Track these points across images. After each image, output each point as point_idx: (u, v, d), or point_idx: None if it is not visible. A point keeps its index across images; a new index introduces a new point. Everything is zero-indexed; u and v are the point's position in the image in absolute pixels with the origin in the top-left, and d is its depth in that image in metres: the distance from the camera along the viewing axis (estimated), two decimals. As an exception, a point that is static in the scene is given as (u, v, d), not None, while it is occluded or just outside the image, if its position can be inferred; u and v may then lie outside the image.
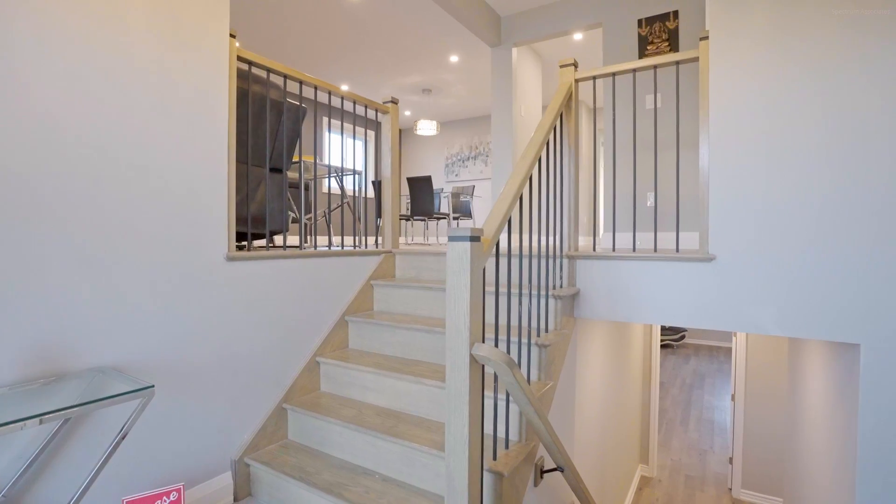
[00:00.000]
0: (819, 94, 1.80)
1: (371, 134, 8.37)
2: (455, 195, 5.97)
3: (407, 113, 7.93)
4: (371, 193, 7.19)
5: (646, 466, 5.11)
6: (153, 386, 1.33)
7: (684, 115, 3.61)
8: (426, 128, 6.39)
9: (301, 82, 2.35)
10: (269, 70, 2.18)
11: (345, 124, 7.64)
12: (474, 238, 1.29)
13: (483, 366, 1.36)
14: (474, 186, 6.17)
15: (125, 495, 1.59)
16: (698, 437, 5.82)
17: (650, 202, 3.70)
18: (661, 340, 9.95)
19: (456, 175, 8.28)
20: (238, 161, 2.20)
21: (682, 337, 10.10)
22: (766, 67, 1.89)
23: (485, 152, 7.98)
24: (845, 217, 1.76)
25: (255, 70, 4.62)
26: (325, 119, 7.20)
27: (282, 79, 2.34)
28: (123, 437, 1.35)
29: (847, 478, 1.96)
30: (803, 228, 1.83)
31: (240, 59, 2.05)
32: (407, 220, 5.47)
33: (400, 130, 9.04)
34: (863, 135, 1.73)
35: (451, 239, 1.31)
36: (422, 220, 5.35)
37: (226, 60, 1.91)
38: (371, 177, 8.60)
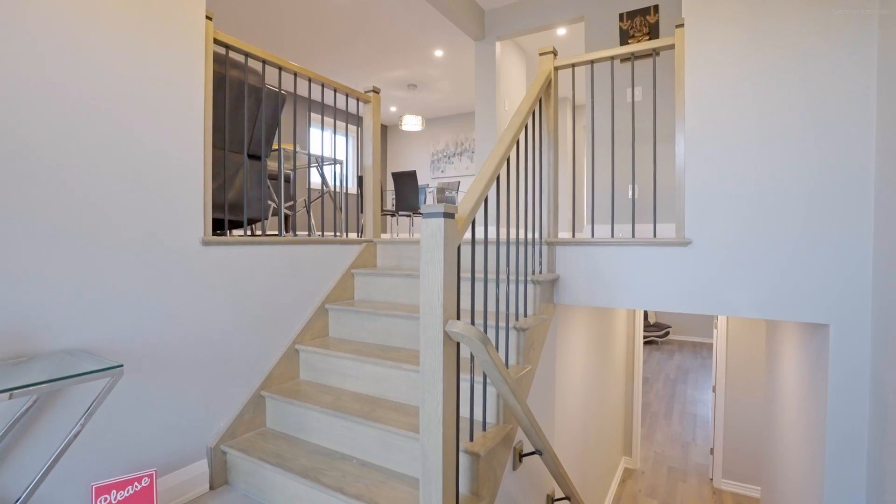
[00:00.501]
0: (795, 80, 1.83)
1: (356, 130, 8.32)
2: (440, 190, 5.97)
3: (392, 109, 7.91)
4: (355, 190, 7.16)
5: (629, 458, 5.16)
6: (122, 365, 1.30)
7: (664, 107, 3.65)
8: (411, 123, 6.38)
9: (280, 68, 2.33)
10: (246, 55, 2.15)
11: (328, 118, 7.60)
12: (448, 214, 1.29)
13: (458, 344, 1.36)
14: (459, 182, 6.17)
15: (95, 481, 1.56)
16: (681, 430, 5.90)
17: (630, 194, 3.74)
18: (646, 337, 10.05)
19: (442, 171, 8.28)
20: (215, 147, 2.18)
21: (667, 333, 10.22)
22: (742, 53, 1.92)
23: (470, 149, 7.99)
24: (816, 202, 1.79)
25: (233, 55, 4.55)
26: (307, 114, 7.15)
27: (260, 64, 2.31)
28: (90, 417, 1.32)
29: (818, 458, 2.00)
30: (777, 212, 1.86)
31: (217, 42, 2.02)
32: (392, 215, 5.45)
33: (385, 126, 9.01)
34: (838, 121, 1.77)
35: (426, 216, 1.31)
36: (407, 215, 5.33)
37: (201, 42, 1.88)
38: (355, 172, 8.55)
